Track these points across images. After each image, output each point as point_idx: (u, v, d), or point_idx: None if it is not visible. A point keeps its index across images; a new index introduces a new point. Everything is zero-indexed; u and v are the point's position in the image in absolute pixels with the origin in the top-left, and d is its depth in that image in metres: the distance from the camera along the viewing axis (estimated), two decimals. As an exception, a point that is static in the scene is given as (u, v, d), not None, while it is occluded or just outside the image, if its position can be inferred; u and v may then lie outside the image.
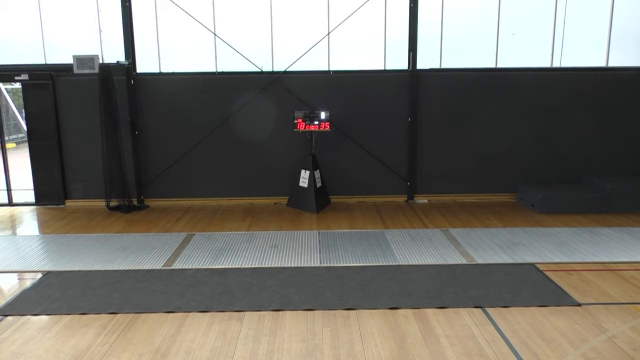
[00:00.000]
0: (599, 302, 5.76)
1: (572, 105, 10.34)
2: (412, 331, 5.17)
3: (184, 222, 9.15)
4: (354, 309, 5.66)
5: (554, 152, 10.48)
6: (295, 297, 5.95)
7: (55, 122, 10.20)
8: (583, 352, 4.76)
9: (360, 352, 4.80)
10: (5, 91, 17.56)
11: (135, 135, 10.29)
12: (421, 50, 10.18)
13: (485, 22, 10.09)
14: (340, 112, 10.11)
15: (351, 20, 10.00)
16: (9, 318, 5.58)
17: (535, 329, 5.19)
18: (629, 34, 10.27)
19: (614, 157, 10.53)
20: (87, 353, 4.84)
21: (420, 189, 10.61)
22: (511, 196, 10.57)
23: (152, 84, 10.22)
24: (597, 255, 7.27)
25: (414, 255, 7.32)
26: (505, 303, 5.75)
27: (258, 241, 8.05)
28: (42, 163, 10.37)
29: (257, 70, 10.15)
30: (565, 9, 10.06)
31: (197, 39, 10.10)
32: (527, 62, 10.27)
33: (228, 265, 7.03)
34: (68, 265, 7.10)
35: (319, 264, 7.01)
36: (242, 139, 10.29)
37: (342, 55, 10.21)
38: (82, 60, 9.47)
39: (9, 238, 8.51)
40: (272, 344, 4.96)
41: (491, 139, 10.39)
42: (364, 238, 8.14)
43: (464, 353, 4.76)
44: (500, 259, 7.13)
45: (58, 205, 10.49)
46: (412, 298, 5.90)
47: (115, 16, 10.00)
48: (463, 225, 8.82)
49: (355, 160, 10.44)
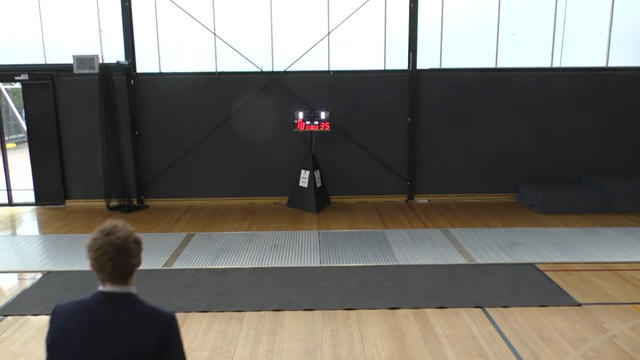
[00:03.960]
0: (599, 302, 5.76)
1: (572, 105, 10.33)
2: (412, 331, 5.17)
3: (184, 222, 9.15)
4: (354, 309, 5.66)
5: (554, 152, 10.48)
6: (295, 297, 5.95)
7: (55, 122, 10.20)
8: (583, 352, 4.76)
9: (360, 352, 4.80)
10: (5, 91, 17.55)
11: (135, 135, 10.29)
12: (421, 50, 10.18)
13: (485, 22, 10.09)
14: (340, 112, 10.11)
15: (351, 20, 10.00)
16: (9, 318, 5.58)
17: (535, 329, 5.19)
18: (629, 34, 10.27)
19: (614, 157, 10.53)
20: (87, 353, 4.84)
21: (420, 189, 10.61)
22: (511, 196, 10.57)
23: (152, 84, 10.22)
24: (597, 255, 7.27)
25: (414, 255, 7.32)
26: (505, 303, 5.76)
27: (258, 241, 8.05)
28: (42, 163, 10.37)
29: (257, 70, 10.15)
30: (565, 9, 10.06)
31: (197, 39, 10.10)
32: (527, 62, 10.27)
33: (228, 265, 7.03)
34: (68, 265, 7.10)
35: (319, 264, 7.01)
36: (242, 139, 10.28)
37: (342, 55, 10.20)
38: (82, 60, 9.46)
39: (9, 238, 8.51)
40: (272, 344, 4.96)
41: (491, 139, 10.39)
42: (364, 238, 8.14)
43: (464, 353, 4.76)
44: (500, 259, 7.13)
45: (58, 205, 10.49)
46: (412, 298, 5.90)
47: (115, 16, 10.00)
48: (463, 225, 8.82)
49: (355, 160, 10.44)
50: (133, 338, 2.02)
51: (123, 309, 2.08)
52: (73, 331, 2.05)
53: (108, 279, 2.09)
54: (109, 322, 2.04)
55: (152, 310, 2.11)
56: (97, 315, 2.06)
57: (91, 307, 2.08)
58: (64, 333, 2.07)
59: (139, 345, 2.01)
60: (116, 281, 2.09)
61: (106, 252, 2.05)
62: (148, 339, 2.02)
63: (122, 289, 2.10)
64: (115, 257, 2.05)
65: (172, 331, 2.08)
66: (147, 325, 2.05)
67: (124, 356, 2.01)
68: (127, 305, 2.09)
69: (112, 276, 2.08)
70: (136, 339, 2.02)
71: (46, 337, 2.11)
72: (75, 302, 2.14)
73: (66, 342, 2.04)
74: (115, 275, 2.07)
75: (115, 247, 2.05)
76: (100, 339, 2.01)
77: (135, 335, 2.02)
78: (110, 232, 2.09)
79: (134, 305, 2.10)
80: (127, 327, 2.03)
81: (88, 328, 2.04)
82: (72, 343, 2.03)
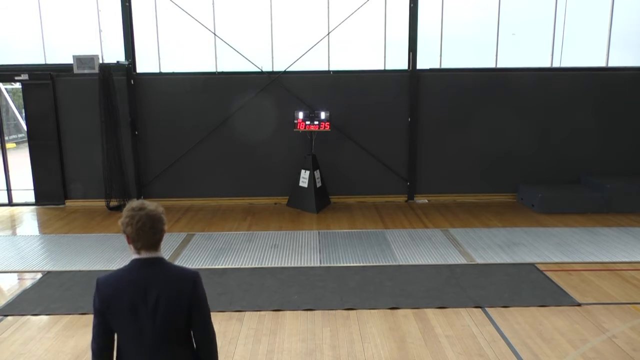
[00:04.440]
0: (599, 302, 5.76)
1: (572, 105, 10.33)
2: (412, 331, 5.17)
3: (184, 222, 9.15)
4: (354, 309, 5.66)
5: (554, 152, 10.48)
6: (295, 297, 5.95)
7: (55, 122, 10.20)
8: (583, 352, 4.76)
9: (360, 352, 4.80)
10: (5, 91, 17.55)
11: (135, 135, 10.29)
12: (421, 50, 10.18)
13: (485, 22, 10.09)
14: (340, 112, 10.11)
15: (351, 20, 10.00)
16: (9, 318, 5.58)
17: (535, 329, 5.19)
18: (629, 34, 10.27)
19: (614, 158, 10.53)
20: (87, 353, 4.84)
21: (420, 189, 10.61)
22: (511, 196, 10.57)
23: (152, 84, 10.22)
24: (597, 255, 7.26)
25: (414, 255, 7.32)
26: (505, 303, 5.75)
27: (258, 241, 8.05)
28: (42, 163, 10.37)
29: (257, 70, 10.15)
30: (565, 9, 10.06)
31: (197, 39, 10.10)
32: (527, 62, 10.27)
33: (228, 265, 7.03)
34: (68, 265, 7.10)
35: (319, 264, 7.01)
36: (242, 139, 10.28)
37: (342, 55, 10.20)
38: (82, 60, 9.46)
39: (9, 238, 8.51)
40: (272, 344, 4.96)
41: (491, 139, 10.39)
42: (364, 238, 8.14)
43: (464, 353, 4.76)
44: (500, 259, 7.13)
45: (58, 205, 10.49)
46: (412, 298, 5.90)
47: (115, 16, 10.00)
48: (463, 225, 8.82)
49: (355, 160, 10.44)
50: (170, 293, 2.50)
51: (158, 270, 2.54)
52: (122, 293, 2.48)
53: (145, 246, 2.52)
54: (150, 282, 2.50)
55: (181, 269, 2.63)
56: (139, 278, 2.51)
57: (132, 272, 2.53)
58: (114, 296, 2.49)
59: (176, 299, 2.51)
60: (150, 248, 2.53)
61: (146, 223, 2.48)
62: (183, 294, 2.52)
63: (155, 255, 2.56)
64: (154, 225, 2.50)
65: (198, 286, 2.59)
66: (179, 282, 2.55)
67: (166, 308, 2.48)
68: (160, 267, 2.56)
69: (149, 242, 2.51)
70: (173, 294, 2.51)
71: (94, 303, 2.53)
72: (115, 271, 2.58)
73: (118, 302, 2.48)
74: (152, 242, 2.52)
75: (153, 218, 2.50)
76: (145, 296, 2.48)
77: (172, 291, 2.51)
78: (143, 208, 2.51)
79: (166, 267, 2.58)
80: (164, 285, 2.51)
81: (134, 289, 2.48)
82: (124, 301, 2.47)
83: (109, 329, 2.54)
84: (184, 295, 2.52)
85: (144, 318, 2.48)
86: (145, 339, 2.50)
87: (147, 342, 2.50)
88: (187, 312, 2.54)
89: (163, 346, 2.53)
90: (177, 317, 2.52)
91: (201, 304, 2.59)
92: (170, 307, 2.50)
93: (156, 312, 2.48)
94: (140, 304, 2.47)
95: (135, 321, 2.48)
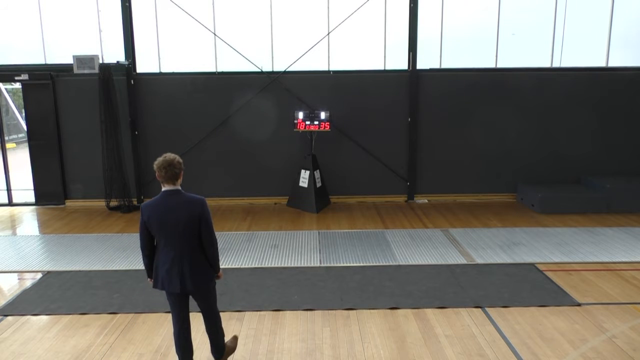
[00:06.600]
0: (598, 302, 5.76)
1: (572, 106, 10.34)
2: (412, 331, 5.17)
3: (184, 222, 9.13)
4: (354, 309, 5.66)
5: (554, 152, 10.48)
6: (295, 297, 5.95)
7: (55, 122, 10.20)
8: (583, 352, 4.76)
9: (360, 352, 4.80)
10: (5, 91, 17.55)
11: (135, 135, 10.29)
12: (421, 50, 10.18)
13: (485, 22, 10.09)
14: (340, 112, 10.12)
15: (351, 20, 10.00)
16: (9, 318, 5.58)
17: (535, 329, 5.19)
18: (629, 34, 10.27)
19: (614, 157, 10.53)
20: (87, 353, 4.84)
21: (420, 189, 10.62)
22: (511, 196, 10.57)
23: (152, 84, 10.22)
24: (597, 255, 7.27)
25: (414, 255, 7.32)
26: (505, 303, 5.76)
27: (258, 241, 8.05)
28: (42, 163, 10.37)
29: (257, 70, 10.15)
30: (565, 9, 10.07)
31: (197, 39, 10.10)
32: (527, 62, 10.27)
33: (228, 265, 7.03)
34: (68, 265, 7.10)
35: (319, 264, 7.01)
36: (242, 139, 10.29)
37: (342, 55, 10.21)
38: (82, 60, 9.46)
39: (9, 238, 8.51)
40: (272, 344, 4.96)
41: (491, 139, 10.39)
42: (364, 238, 8.14)
43: (464, 353, 4.76)
44: (500, 259, 7.13)
45: (58, 205, 10.49)
46: (412, 298, 5.90)
47: (115, 16, 10.00)
48: (463, 225, 8.82)
49: (355, 160, 10.44)
50: (187, 211, 3.97)
51: (178, 197, 4.01)
52: (156, 211, 3.97)
53: (166, 181, 3.98)
54: (173, 204, 3.98)
55: (192, 196, 4.06)
56: (166, 202, 3.99)
57: (162, 199, 3.99)
58: (152, 213, 3.97)
59: (191, 213, 3.98)
60: (169, 182, 3.99)
61: (164, 165, 3.94)
62: (195, 211, 3.99)
63: (175, 187, 4.03)
64: (170, 165, 3.94)
65: (205, 207, 4.04)
66: (192, 204, 4.01)
67: (185, 220, 3.95)
68: (179, 195, 4.02)
69: (168, 178, 3.96)
70: (188, 211, 3.97)
71: (141, 219, 4.04)
72: (152, 200, 4.01)
73: (153, 216, 3.97)
74: (171, 177, 3.97)
75: (169, 162, 3.95)
76: (170, 214, 3.96)
77: (187, 210, 3.97)
78: (165, 157, 3.99)
79: (183, 195, 4.03)
80: (181, 206, 3.98)
81: (163, 208, 3.97)
82: (157, 216, 3.96)
83: (150, 235, 4.07)
84: (196, 212, 3.98)
85: (172, 227, 3.95)
86: (172, 241, 3.98)
87: (175, 244, 3.99)
88: (198, 224, 3.99)
89: (185, 246, 4.02)
90: (192, 226, 3.98)
91: (207, 218, 4.04)
92: (187, 220, 3.95)
93: (179, 223, 3.94)
94: (167, 219, 3.95)
95: (165, 229, 3.96)
